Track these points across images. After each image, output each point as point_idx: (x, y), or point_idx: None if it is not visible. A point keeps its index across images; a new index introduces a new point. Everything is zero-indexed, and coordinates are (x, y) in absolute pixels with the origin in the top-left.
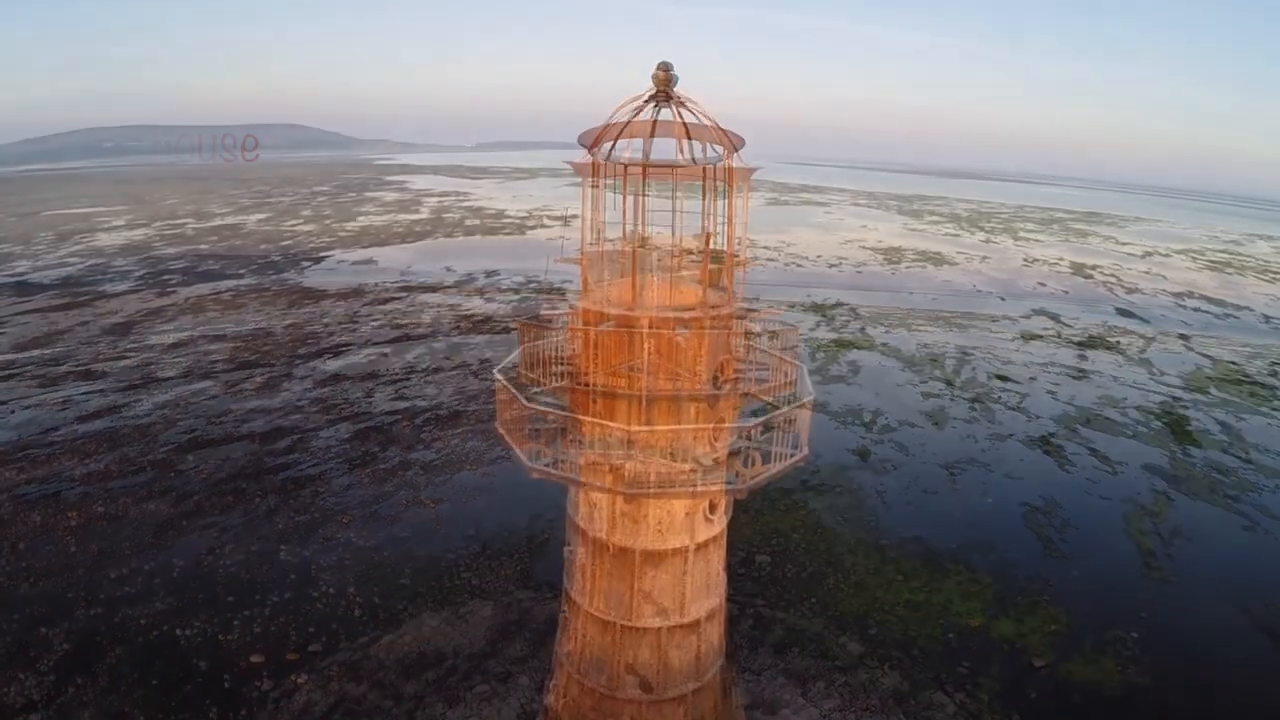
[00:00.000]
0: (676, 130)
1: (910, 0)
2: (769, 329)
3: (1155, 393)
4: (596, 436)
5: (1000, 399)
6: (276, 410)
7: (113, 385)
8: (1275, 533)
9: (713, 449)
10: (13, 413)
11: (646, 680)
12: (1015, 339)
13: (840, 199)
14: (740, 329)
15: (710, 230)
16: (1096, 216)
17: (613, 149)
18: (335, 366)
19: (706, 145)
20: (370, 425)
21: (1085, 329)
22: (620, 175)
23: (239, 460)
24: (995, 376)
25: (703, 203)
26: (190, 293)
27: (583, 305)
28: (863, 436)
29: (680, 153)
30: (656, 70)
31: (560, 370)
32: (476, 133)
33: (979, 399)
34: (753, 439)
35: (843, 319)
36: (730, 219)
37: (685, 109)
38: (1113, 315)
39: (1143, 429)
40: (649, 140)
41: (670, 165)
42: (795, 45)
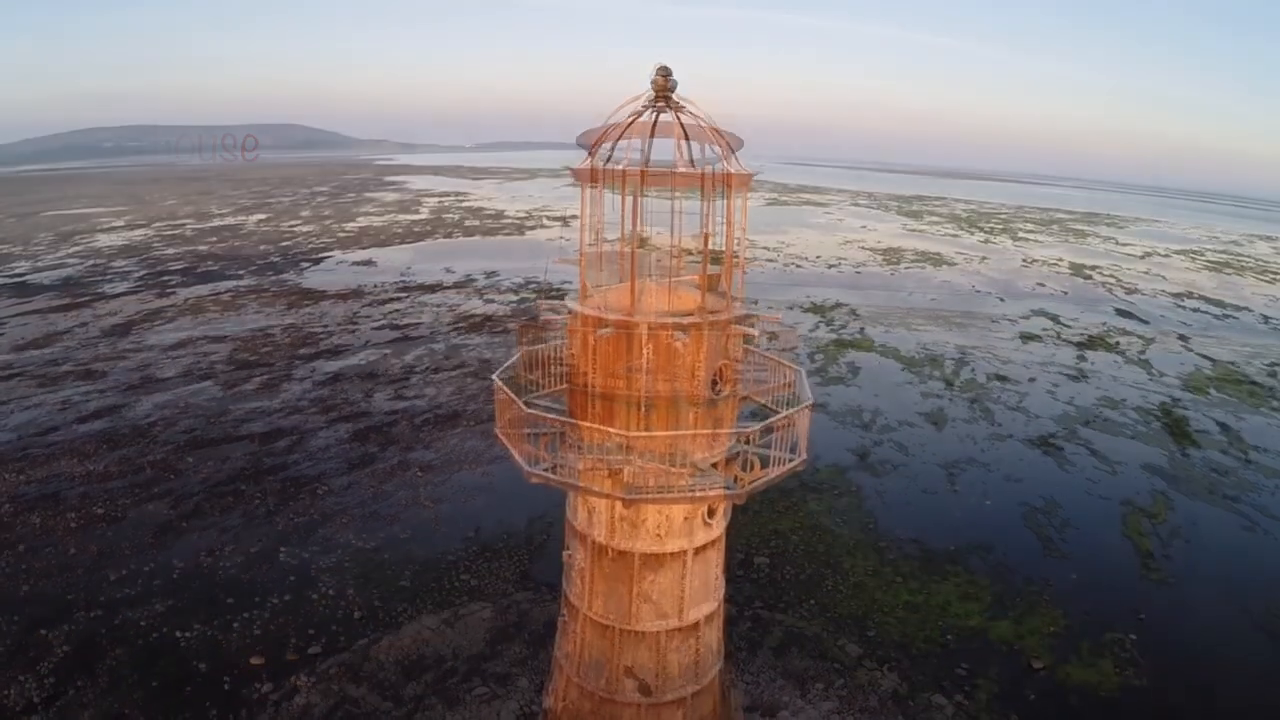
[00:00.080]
0: (675, 134)
1: (910, 0)
2: (768, 331)
3: (1154, 393)
4: (595, 441)
5: (999, 399)
6: (276, 411)
7: (112, 386)
8: (1275, 533)
9: (711, 454)
10: (12, 414)
11: (645, 683)
12: (1014, 339)
13: (840, 199)
14: (738, 334)
15: (709, 233)
16: (1096, 217)
17: (613, 151)
18: (335, 367)
19: (705, 146)
20: (369, 426)
21: (1084, 329)
22: (619, 180)
23: (238, 461)
24: (994, 377)
25: (702, 207)
26: (190, 293)
27: (581, 310)
28: (862, 437)
29: (679, 156)
30: (656, 75)
31: (559, 372)
32: (476, 133)
33: (978, 399)
34: (751, 443)
35: (842, 319)
36: (729, 222)
37: (684, 113)
38: (1112, 316)
39: (1142, 429)
40: (648, 143)
41: (669, 172)
42: (795, 45)
